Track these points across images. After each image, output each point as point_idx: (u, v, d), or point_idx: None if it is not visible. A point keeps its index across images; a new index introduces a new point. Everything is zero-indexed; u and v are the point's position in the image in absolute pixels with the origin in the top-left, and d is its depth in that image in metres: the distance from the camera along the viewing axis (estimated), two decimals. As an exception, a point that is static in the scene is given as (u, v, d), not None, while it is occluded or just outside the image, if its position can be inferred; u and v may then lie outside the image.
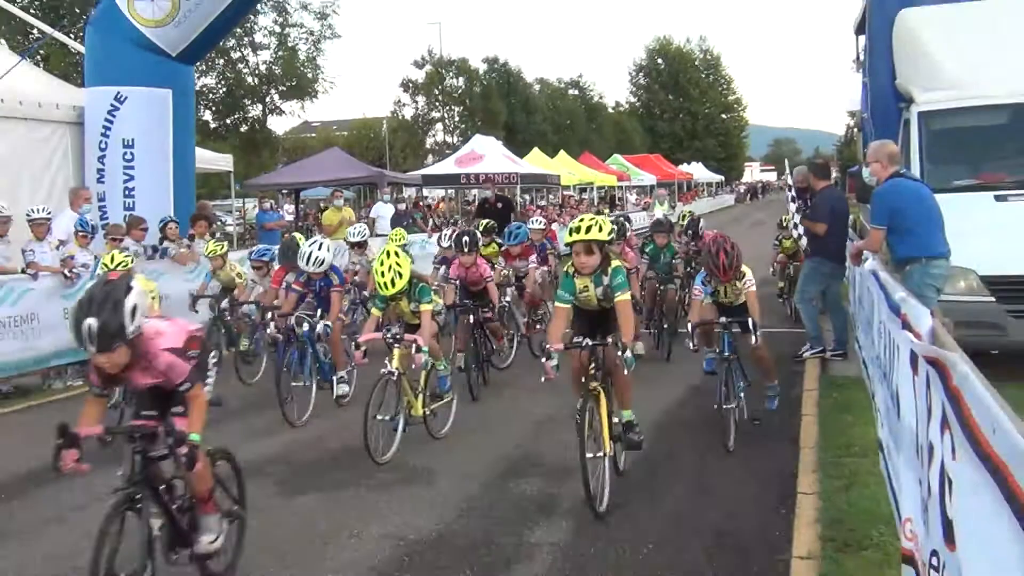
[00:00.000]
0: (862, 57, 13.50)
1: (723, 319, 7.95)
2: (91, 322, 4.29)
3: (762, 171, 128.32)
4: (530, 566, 5.42)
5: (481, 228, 13.08)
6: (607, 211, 38.40)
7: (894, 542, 5.07)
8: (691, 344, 8.04)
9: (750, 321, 7.61)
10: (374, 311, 8.07)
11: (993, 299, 8.93)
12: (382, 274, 7.69)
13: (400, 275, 7.68)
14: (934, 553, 3.36)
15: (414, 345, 7.63)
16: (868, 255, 8.70)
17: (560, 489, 6.80)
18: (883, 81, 11.49)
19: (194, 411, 4.79)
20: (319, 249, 9.46)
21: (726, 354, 7.82)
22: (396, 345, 7.76)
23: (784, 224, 14.16)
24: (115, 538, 4.31)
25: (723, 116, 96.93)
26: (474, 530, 6.01)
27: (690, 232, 14.23)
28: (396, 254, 7.80)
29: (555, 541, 5.80)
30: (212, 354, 5.48)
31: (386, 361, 7.67)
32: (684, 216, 16.31)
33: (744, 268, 7.91)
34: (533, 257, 11.85)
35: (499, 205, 19.74)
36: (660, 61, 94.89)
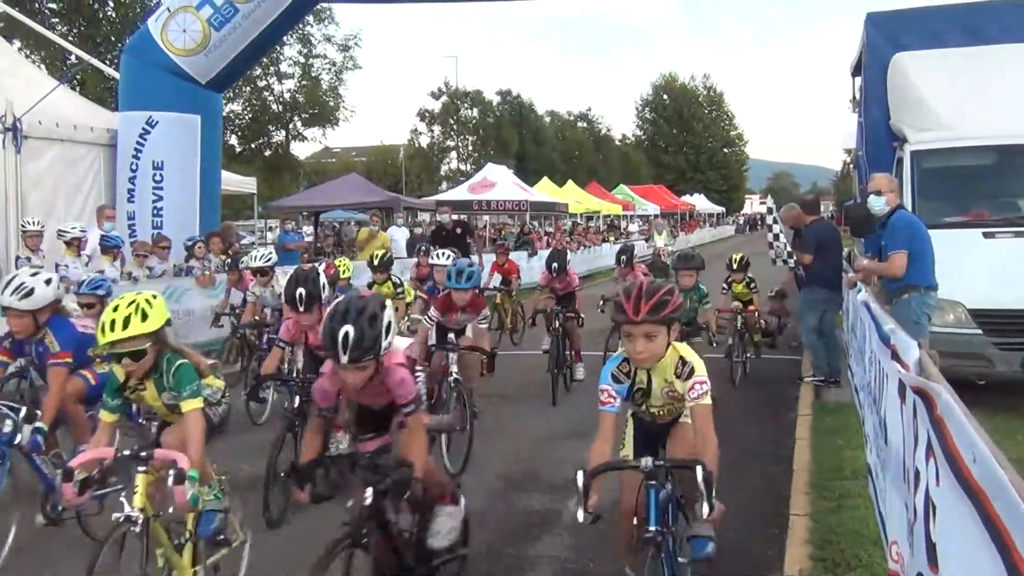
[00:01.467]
0: (858, 97, 13.88)
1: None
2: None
3: (761, 203, 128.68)
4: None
5: (377, 260, 11.80)
6: (612, 239, 38.92)
7: (882, 563, 5.16)
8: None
9: (699, 472, 3.81)
10: (104, 414, 4.83)
11: (980, 331, 9.16)
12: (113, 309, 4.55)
13: (144, 316, 4.55)
14: (919, 575, 3.41)
15: (172, 471, 4.31)
16: (860, 284, 9.16)
17: (560, 504, 6.92)
18: (878, 121, 11.85)
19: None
20: (31, 277, 6.33)
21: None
22: (139, 469, 4.46)
23: (775, 260, 14.06)
24: None
25: (725, 150, 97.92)
26: (477, 543, 5.86)
27: (623, 259, 11.96)
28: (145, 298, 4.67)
29: (555, 555, 5.96)
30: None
31: (122, 499, 4.39)
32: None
33: (697, 366, 4.47)
34: (485, 311, 8.73)
35: (457, 231, 17.89)
36: (665, 97, 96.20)
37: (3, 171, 13.47)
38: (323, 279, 7.09)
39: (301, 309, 6.95)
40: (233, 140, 43.54)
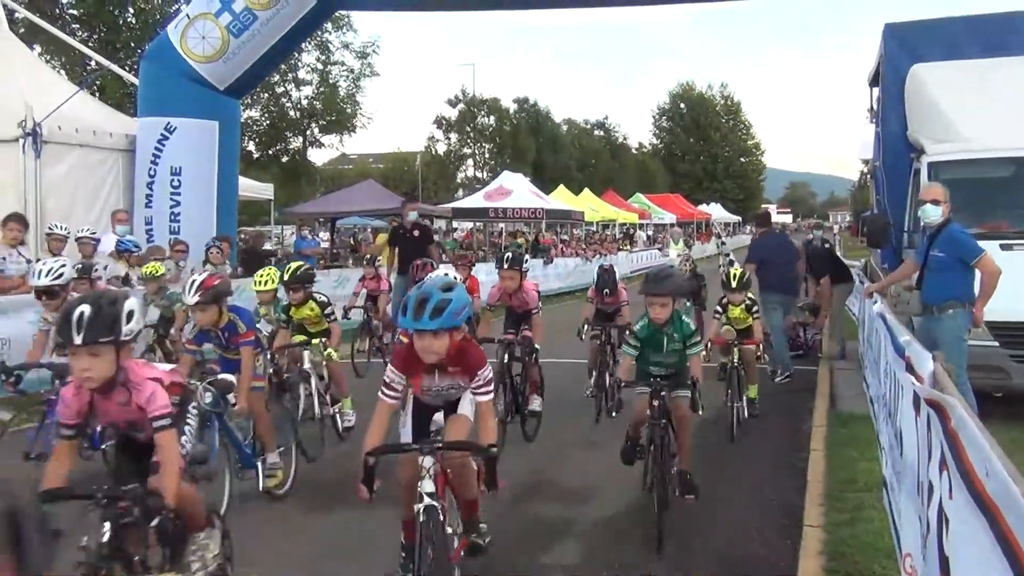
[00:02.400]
0: (876, 108, 13.92)
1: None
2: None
3: (778, 213, 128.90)
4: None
5: (288, 274, 8.97)
6: (628, 248, 39.00)
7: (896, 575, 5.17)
8: None
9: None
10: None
11: (997, 344, 9.14)
12: None
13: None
14: None
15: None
16: (878, 297, 9.18)
17: (573, 513, 6.95)
18: (895, 132, 11.88)
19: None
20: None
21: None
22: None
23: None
24: None
25: (742, 159, 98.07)
26: (490, 550, 5.89)
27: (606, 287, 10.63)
28: None
29: (567, 563, 5.95)
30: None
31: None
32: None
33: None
34: (486, 372, 4.95)
35: (415, 233, 16.00)
36: (683, 106, 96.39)
37: (23, 176, 13.59)
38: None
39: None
40: (251, 146, 43.78)
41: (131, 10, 36.05)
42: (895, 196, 11.94)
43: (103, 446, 6.69)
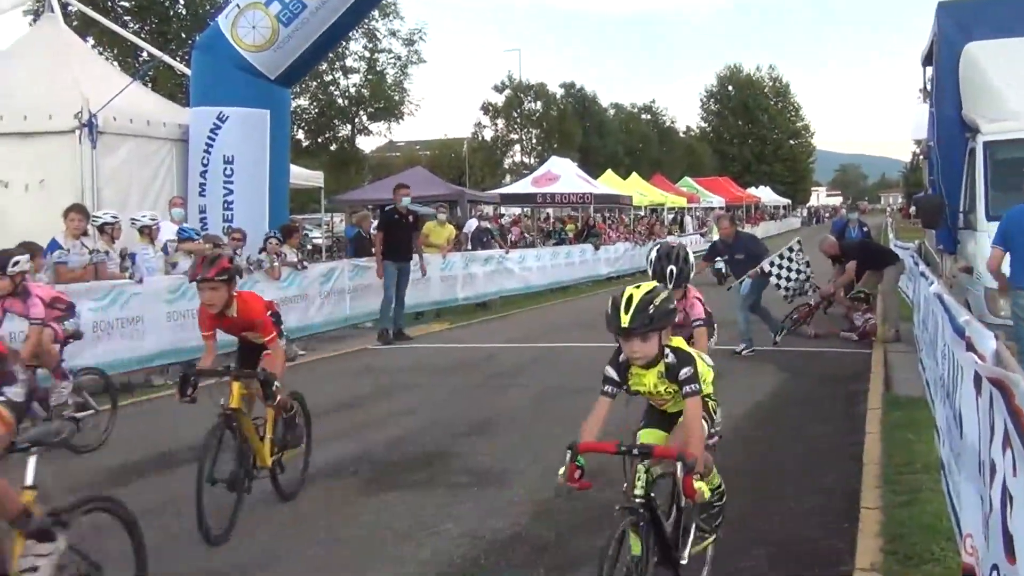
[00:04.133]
0: (929, 88, 13.79)
1: None
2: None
3: (828, 196, 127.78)
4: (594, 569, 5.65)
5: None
6: (677, 232, 38.72)
7: (955, 557, 5.16)
8: None
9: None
10: None
11: None
12: None
13: None
14: (995, 567, 3.36)
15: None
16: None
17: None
18: (949, 111, 11.72)
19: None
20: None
21: None
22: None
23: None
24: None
25: (791, 142, 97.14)
26: (546, 532, 6.15)
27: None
28: None
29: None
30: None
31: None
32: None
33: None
34: None
35: (410, 218, 16.10)
36: (730, 88, 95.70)
37: (80, 166, 13.82)
38: None
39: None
40: (300, 134, 44.17)
41: (182, 1, 36.52)
42: (950, 176, 11.79)
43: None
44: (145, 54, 28.68)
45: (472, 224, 24.14)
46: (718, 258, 15.27)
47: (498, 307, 21.18)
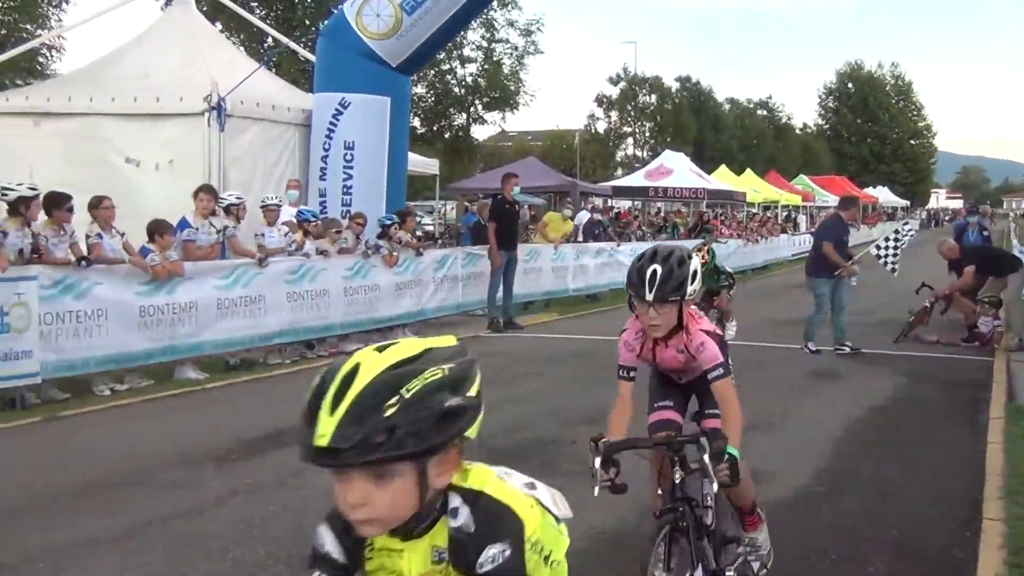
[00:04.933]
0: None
1: None
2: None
3: (948, 198, 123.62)
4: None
5: None
6: (791, 231, 37.97)
7: None
8: None
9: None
10: None
11: None
12: None
13: None
14: None
15: None
16: None
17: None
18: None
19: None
20: None
21: None
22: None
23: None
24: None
25: (911, 142, 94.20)
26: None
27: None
28: None
29: None
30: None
31: None
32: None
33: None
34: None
35: (517, 207, 16.35)
36: (850, 85, 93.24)
37: (207, 147, 14.22)
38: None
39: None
40: (416, 122, 44.70)
41: (307, -12, 37.26)
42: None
43: None
44: (270, 40, 29.38)
45: (584, 216, 24.13)
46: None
47: (608, 299, 21.10)
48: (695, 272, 4.07)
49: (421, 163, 20.98)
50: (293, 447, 1.91)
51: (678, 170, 33.67)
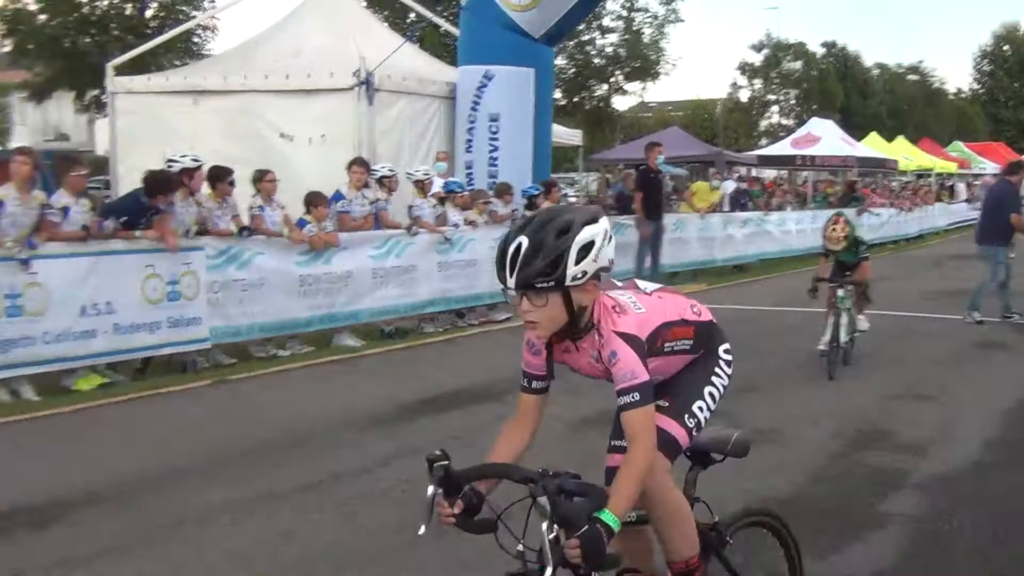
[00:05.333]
0: None
1: None
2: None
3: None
4: (882, 534, 5.38)
5: None
6: (947, 199, 36.41)
7: None
8: None
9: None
10: None
11: None
12: None
13: None
14: None
15: None
16: None
17: (908, 465, 6.65)
18: None
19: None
20: None
21: None
22: None
23: None
24: None
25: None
26: (826, 497, 5.99)
27: None
28: None
29: (907, 513, 5.72)
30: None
31: None
32: None
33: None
34: None
35: (659, 177, 16.56)
36: (1007, 47, 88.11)
37: (357, 121, 14.55)
38: None
39: None
40: (557, 94, 44.61)
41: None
42: None
43: None
44: (414, 15, 29.75)
45: (730, 185, 23.73)
46: None
47: (756, 270, 20.70)
48: (590, 243, 2.87)
49: (565, 134, 20.99)
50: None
51: (826, 137, 32.64)
